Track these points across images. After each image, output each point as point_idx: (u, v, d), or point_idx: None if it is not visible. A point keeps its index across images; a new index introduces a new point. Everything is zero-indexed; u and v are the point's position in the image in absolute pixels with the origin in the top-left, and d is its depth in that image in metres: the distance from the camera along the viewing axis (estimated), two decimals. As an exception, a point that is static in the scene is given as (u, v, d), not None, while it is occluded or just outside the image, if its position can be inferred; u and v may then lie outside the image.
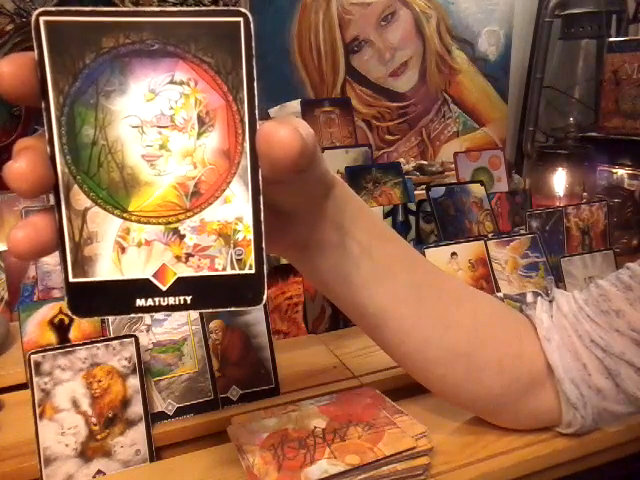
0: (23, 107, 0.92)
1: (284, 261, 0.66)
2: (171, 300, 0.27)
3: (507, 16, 1.30)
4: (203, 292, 0.27)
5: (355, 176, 0.82)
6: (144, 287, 0.26)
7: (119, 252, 0.26)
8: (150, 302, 0.26)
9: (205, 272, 0.27)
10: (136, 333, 0.50)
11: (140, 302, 0.26)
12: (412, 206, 0.83)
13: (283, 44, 1.11)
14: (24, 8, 0.90)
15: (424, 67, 1.24)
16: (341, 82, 1.18)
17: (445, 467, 0.44)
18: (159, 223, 0.26)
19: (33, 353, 0.46)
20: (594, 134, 1.23)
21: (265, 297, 0.27)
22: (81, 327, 0.56)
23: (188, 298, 0.27)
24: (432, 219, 0.82)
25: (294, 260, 0.39)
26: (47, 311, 0.56)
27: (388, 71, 1.21)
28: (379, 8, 1.17)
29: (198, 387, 0.52)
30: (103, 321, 0.55)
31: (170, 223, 0.26)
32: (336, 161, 0.87)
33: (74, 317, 0.27)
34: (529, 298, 0.47)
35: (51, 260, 0.72)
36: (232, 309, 0.28)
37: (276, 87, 1.09)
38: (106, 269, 0.26)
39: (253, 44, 0.25)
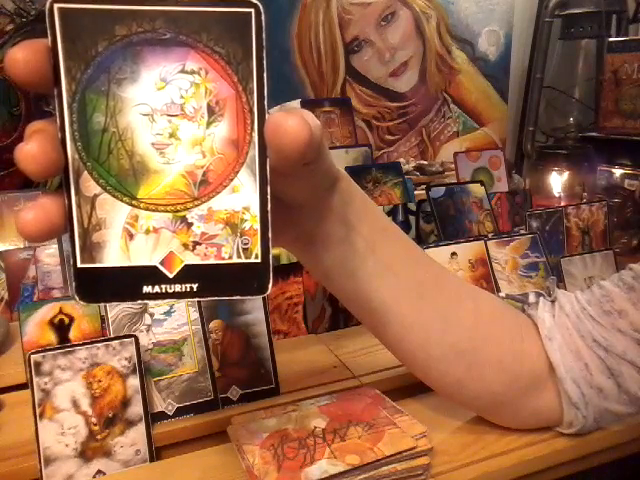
0: (23, 107, 0.92)
1: (284, 261, 0.66)
2: (177, 287, 0.27)
3: (507, 16, 1.30)
4: (209, 280, 0.27)
5: (355, 176, 0.81)
6: (151, 274, 0.27)
7: (127, 239, 0.26)
8: (157, 289, 0.27)
9: (212, 260, 0.27)
10: (136, 333, 0.50)
11: (147, 289, 0.27)
12: (412, 206, 0.83)
13: (283, 44, 1.11)
14: (24, 8, 0.90)
15: (424, 67, 1.24)
16: (341, 82, 1.18)
17: (445, 467, 0.44)
18: (167, 211, 0.27)
19: (33, 353, 0.46)
20: (594, 134, 1.23)
21: (270, 286, 0.28)
22: (81, 327, 0.56)
23: (194, 286, 0.27)
24: (432, 219, 0.82)
25: (299, 253, 0.39)
26: (47, 311, 0.56)
27: (388, 71, 1.21)
28: (379, 8, 1.17)
29: (198, 387, 0.52)
30: (103, 321, 0.55)
31: (178, 211, 0.27)
32: (336, 161, 0.86)
33: (81, 302, 0.27)
34: (531, 298, 0.47)
35: (51, 260, 0.72)
36: (237, 298, 0.28)
37: (276, 87, 1.09)
38: (114, 255, 0.26)
39: (264, 35, 0.26)
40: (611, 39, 1.20)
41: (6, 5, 0.90)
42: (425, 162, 1.17)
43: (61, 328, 0.56)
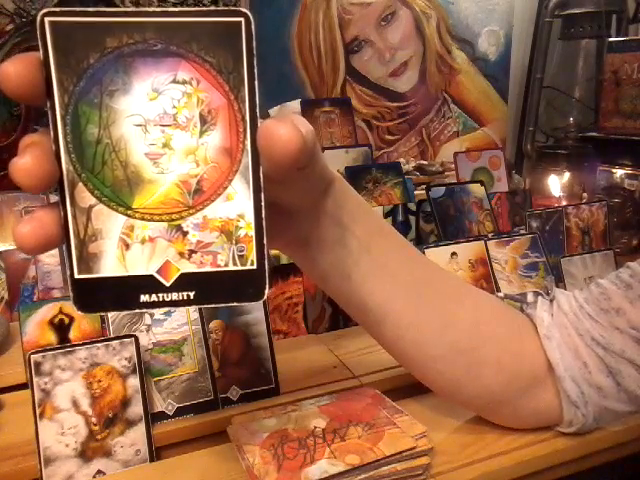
0: (23, 107, 0.92)
1: (284, 261, 0.66)
2: (174, 296, 0.27)
3: (507, 16, 1.30)
4: (206, 288, 0.27)
5: (355, 176, 0.82)
6: (148, 283, 0.27)
7: (123, 249, 0.26)
8: (154, 298, 0.27)
9: (208, 268, 0.27)
10: (136, 333, 0.50)
11: (144, 298, 0.27)
12: (412, 206, 0.83)
13: (283, 44, 1.11)
14: (24, 8, 0.90)
15: (424, 67, 1.24)
16: (341, 82, 1.18)
17: (445, 467, 0.44)
18: (162, 220, 0.27)
19: (33, 353, 0.46)
20: (594, 134, 1.23)
21: (267, 292, 0.28)
22: (81, 327, 0.56)
23: (191, 294, 0.27)
24: (432, 219, 0.82)
25: (294, 256, 0.40)
26: (47, 311, 0.56)
27: (388, 71, 1.21)
28: (379, 8, 1.17)
29: (198, 387, 0.52)
30: (103, 321, 0.55)
31: (173, 220, 0.27)
32: (336, 161, 0.87)
33: (80, 313, 0.27)
34: (530, 298, 0.47)
35: (51, 260, 0.72)
36: (234, 304, 0.28)
37: (276, 87, 1.09)
38: (111, 265, 0.26)
39: (254, 44, 0.26)
40: (611, 39, 1.20)
41: (6, 5, 0.90)
42: (425, 162, 1.17)
43: (61, 328, 0.56)
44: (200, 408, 0.52)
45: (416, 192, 0.89)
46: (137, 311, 0.50)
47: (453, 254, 0.70)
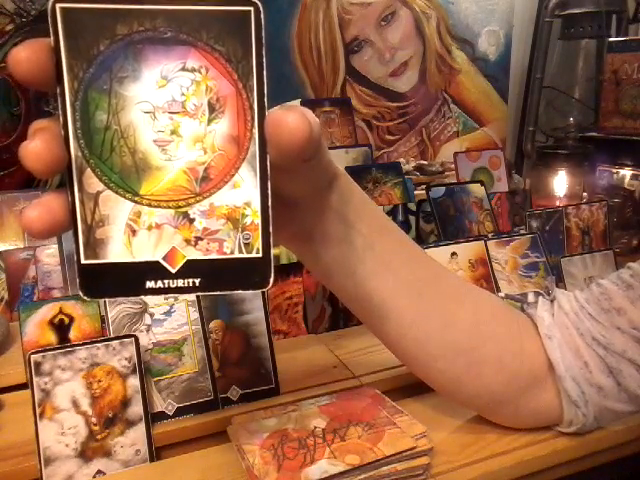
0: (23, 107, 0.92)
1: (284, 261, 0.66)
2: (180, 282, 0.27)
3: (507, 16, 1.30)
4: (211, 275, 0.28)
5: (355, 176, 0.81)
6: (154, 269, 0.27)
7: (130, 235, 0.27)
8: (160, 284, 0.27)
9: (214, 255, 0.27)
10: (136, 333, 0.50)
11: (150, 284, 0.27)
12: (412, 206, 0.83)
13: (283, 44, 1.11)
14: (24, 8, 0.90)
15: (424, 67, 1.24)
16: (341, 82, 1.18)
17: (445, 467, 0.44)
18: (169, 207, 0.27)
19: (33, 353, 0.46)
20: (594, 134, 1.23)
21: (272, 281, 0.28)
22: (81, 327, 0.56)
23: (197, 281, 0.27)
24: (432, 219, 0.82)
25: (298, 251, 0.40)
26: (47, 311, 0.56)
27: (388, 71, 1.21)
28: (379, 8, 1.17)
29: (198, 387, 0.52)
30: (103, 321, 0.55)
31: (180, 207, 0.27)
32: (336, 161, 0.86)
33: (85, 298, 0.27)
34: (530, 298, 0.47)
35: (51, 260, 0.72)
36: (239, 292, 0.28)
37: (276, 87, 1.09)
38: (117, 251, 0.27)
39: (263, 33, 0.26)
40: (611, 39, 1.20)
41: (6, 5, 0.90)
42: (425, 162, 1.17)
43: (61, 328, 0.56)
44: (200, 408, 0.51)
45: (416, 192, 0.89)
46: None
47: (453, 254, 0.70)
